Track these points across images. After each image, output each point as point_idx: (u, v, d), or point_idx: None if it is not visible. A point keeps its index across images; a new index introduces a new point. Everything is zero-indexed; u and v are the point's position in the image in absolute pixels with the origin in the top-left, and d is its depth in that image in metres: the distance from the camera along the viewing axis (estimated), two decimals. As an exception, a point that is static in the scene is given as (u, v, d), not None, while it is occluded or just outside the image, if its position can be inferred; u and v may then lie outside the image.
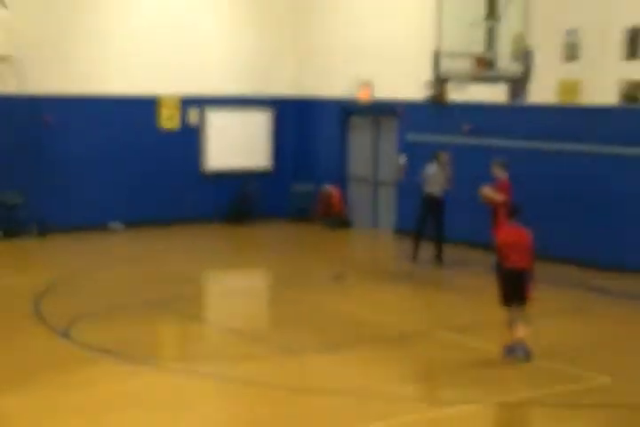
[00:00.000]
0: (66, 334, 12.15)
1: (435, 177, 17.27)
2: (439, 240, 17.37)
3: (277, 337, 12.57)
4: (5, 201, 18.98)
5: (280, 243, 20.68)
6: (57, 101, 19.33)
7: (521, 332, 11.46)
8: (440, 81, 16.49)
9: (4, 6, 18.30)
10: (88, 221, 19.70)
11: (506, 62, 15.42)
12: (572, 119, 17.18)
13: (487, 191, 16.16)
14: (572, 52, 17.25)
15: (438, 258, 17.37)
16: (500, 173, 16.29)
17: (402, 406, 9.79)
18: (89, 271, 16.35)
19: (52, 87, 19.25)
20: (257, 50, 22.10)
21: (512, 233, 11.67)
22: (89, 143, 19.85)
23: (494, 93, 17.30)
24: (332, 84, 21.54)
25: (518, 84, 16.95)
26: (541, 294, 12.39)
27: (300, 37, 22.59)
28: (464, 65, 15.64)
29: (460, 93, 16.44)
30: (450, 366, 11.45)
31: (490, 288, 12.39)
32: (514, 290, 11.51)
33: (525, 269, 11.49)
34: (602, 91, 16.84)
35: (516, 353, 11.39)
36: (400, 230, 20.14)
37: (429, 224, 17.38)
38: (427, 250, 17.34)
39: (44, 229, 19.22)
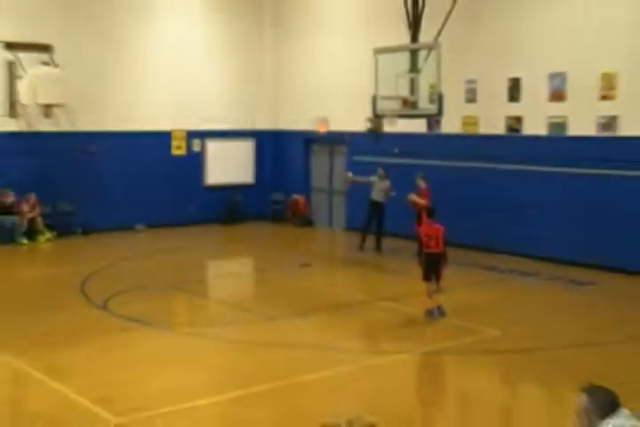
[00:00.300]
0: (104, 307, 12.22)
1: (376, 187, 17.36)
2: (379, 234, 17.43)
3: (260, 307, 12.61)
4: (59, 210, 18.94)
5: (261, 238, 20.58)
6: (98, 136, 19.29)
7: (437, 299, 11.76)
8: (377, 117, 16.72)
9: (56, 66, 18.22)
10: (119, 223, 19.62)
11: (424, 103, 15.57)
12: (473, 144, 17.30)
13: (413, 197, 16.29)
14: (471, 96, 17.40)
15: (378, 248, 17.44)
16: (422, 184, 16.36)
17: (350, 356, 9.97)
18: (120, 261, 16.29)
19: (95, 126, 19.25)
20: (243, 97, 22.07)
21: (430, 227, 11.93)
22: (120, 166, 19.79)
23: (416, 126, 17.67)
24: (298, 120, 21.49)
25: (433, 119, 17.26)
26: (452, 272, 12.65)
27: (275, 87, 22.54)
28: (394, 105, 15.82)
29: (391, 126, 16.64)
30: (386, 326, 11.64)
31: (414, 269, 12.54)
32: (432, 268, 11.76)
33: (440, 253, 11.80)
34: (493, 124, 17.01)
35: (434, 315, 11.65)
36: (349, 228, 20.16)
37: (373, 222, 17.46)
38: (370, 241, 17.40)
39: (88, 230, 19.19)
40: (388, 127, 17.15)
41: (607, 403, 4.25)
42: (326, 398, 8.52)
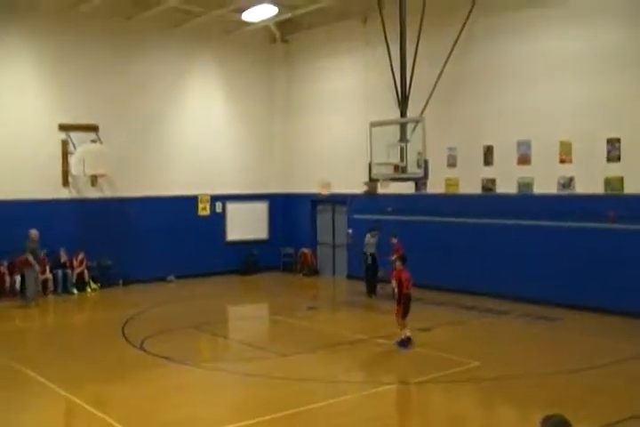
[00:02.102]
0: (141, 347, 12.28)
1: (369, 242, 17.46)
2: (374, 281, 17.37)
3: (273, 346, 12.59)
4: (102, 263, 19.10)
5: (274, 286, 20.53)
6: (135, 201, 19.57)
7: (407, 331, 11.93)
8: (372, 181, 16.73)
9: (100, 142, 18.76)
10: (153, 275, 19.76)
11: (412, 168, 15.53)
12: (455, 203, 17.43)
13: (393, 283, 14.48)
14: (452, 162, 17.63)
15: (374, 293, 17.37)
16: (394, 241, 16.48)
17: (352, 386, 9.91)
18: (154, 307, 16.36)
19: (133, 192, 19.58)
20: (257, 166, 22.38)
21: (407, 273, 12.05)
22: (155, 225, 19.94)
23: (406, 188, 17.71)
24: (305, 184, 21.69)
25: (420, 181, 17.21)
26: (437, 312, 12.58)
27: (285, 157, 22.76)
28: (387, 170, 15.83)
29: (384, 188, 16.68)
30: (380, 360, 11.62)
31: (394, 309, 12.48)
32: (409, 307, 11.91)
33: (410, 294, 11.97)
34: (471, 185, 17.21)
35: (409, 346, 11.79)
36: (350, 276, 20.21)
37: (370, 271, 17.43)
38: (363, 286, 17.38)
39: (127, 281, 19.36)
40: (382, 189, 17.24)
41: None
42: (332, 423, 8.47)
